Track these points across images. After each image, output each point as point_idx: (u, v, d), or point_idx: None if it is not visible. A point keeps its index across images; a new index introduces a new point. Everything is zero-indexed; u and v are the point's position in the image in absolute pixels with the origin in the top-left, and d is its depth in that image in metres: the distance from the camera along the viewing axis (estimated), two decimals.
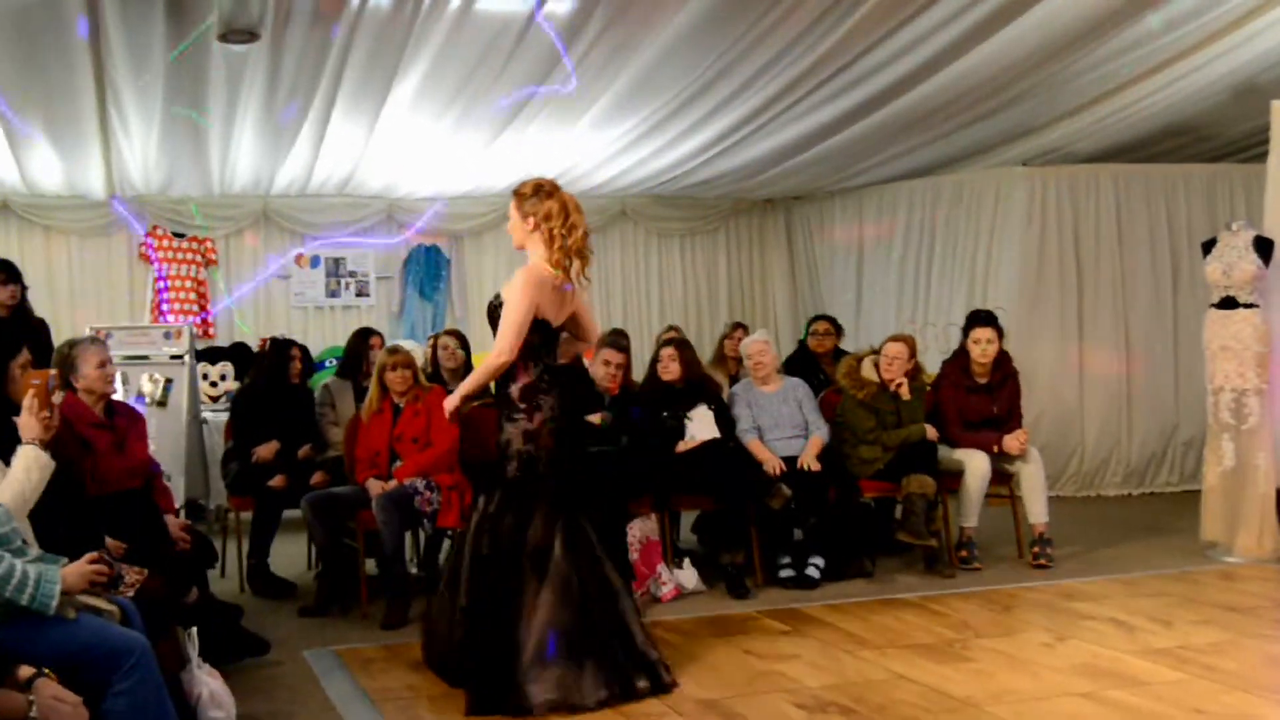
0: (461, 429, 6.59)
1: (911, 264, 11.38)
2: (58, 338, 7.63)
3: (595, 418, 7.09)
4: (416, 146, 9.63)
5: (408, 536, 7.16)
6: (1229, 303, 7.69)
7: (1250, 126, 9.71)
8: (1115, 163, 10.55)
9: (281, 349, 7.81)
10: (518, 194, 5.28)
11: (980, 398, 7.75)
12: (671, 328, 9.33)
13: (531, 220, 5.21)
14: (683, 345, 7.66)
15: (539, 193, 5.24)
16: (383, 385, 6.95)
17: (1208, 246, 7.92)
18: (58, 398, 4.45)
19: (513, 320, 5.13)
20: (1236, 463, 7.65)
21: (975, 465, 7.52)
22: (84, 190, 10.41)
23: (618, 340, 7.59)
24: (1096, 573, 7.31)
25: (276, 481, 7.18)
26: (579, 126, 9.18)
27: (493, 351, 5.17)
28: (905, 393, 7.57)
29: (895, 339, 7.79)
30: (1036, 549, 7.53)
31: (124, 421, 5.83)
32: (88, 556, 3.91)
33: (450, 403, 5.38)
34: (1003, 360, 7.81)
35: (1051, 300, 10.33)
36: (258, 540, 7.27)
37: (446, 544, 7.13)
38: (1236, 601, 6.48)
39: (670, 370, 7.45)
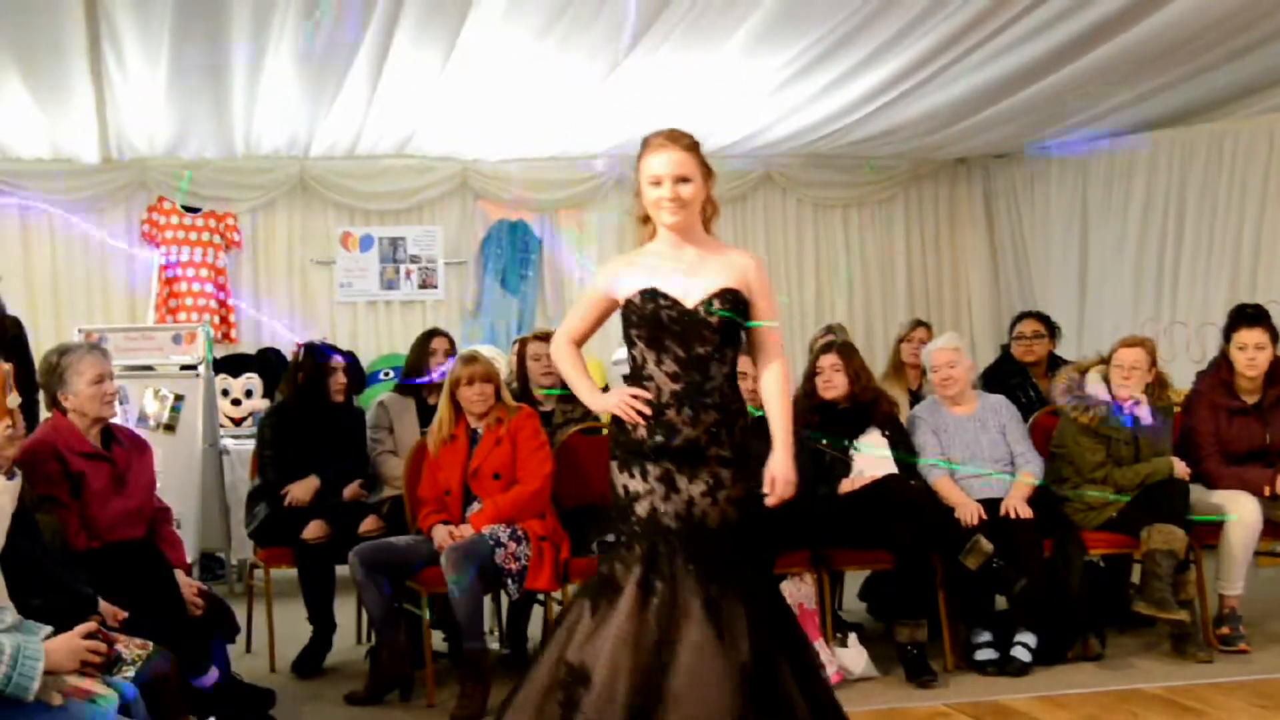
0: (559, 463, 6.58)
1: (1154, 243, 11.29)
2: (37, 342, 7.75)
3: None
4: (504, 83, 9.52)
5: (487, 601, 7.14)
6: None
7: None
8: None
9: (317, 356, 7.78)
10: (694, 146, 4.84)
11: (1248, 422, 7.66)
12: (829, 328, 9.32)
13: (707, 186, 4.90)
14: (848, 351, 7.61)
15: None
16: (455, 405, 6.93)
17: None
18: (13, 400, 4.46)
19: None
20: None
21: (1241, 513, 7.38)
22: (70, 153, 10.61)
23: None
24: None
25: (312, 531, 7.20)
26: (725, 50, 9.12)
27: (783, 372, 5.17)
28: (1146, 415, 7.51)
29: (1131, 343, 7.72)
30: None
31: (125, 452, 5.91)
32: (81, 628, 3.93)
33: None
34: (1278, 372, 7.72)
35: None
36: (316, 611, 7.31)
37: (539, 611, 7.20)
38: None
39: (835, 385, 7.43)
